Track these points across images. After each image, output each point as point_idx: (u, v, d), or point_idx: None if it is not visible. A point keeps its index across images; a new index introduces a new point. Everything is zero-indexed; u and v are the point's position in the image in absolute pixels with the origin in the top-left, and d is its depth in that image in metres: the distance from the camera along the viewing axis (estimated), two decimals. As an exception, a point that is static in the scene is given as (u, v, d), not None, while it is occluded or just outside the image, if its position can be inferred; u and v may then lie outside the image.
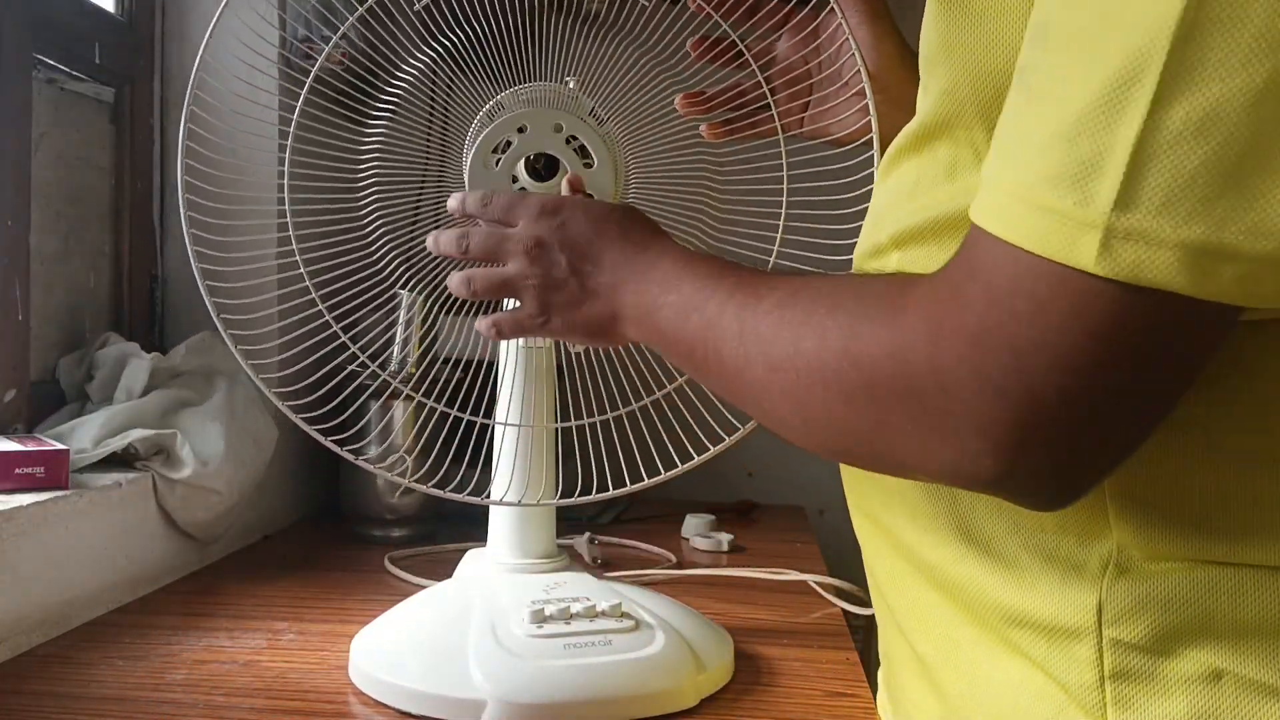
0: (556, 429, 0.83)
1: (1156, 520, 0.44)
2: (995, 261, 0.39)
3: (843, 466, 0.59)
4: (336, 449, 0.79)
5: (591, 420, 0.82)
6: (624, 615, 0.76)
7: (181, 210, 0.75)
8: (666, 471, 0.81)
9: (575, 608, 0.75)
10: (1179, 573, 0.43)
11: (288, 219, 0.78)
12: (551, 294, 0.66)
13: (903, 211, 0.52)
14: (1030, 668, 0.47)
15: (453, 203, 0.72)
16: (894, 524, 0.54)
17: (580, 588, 0.79)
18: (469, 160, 0.78)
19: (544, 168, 0.78)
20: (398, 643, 0.76)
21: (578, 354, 0.81)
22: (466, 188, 0.77)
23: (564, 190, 0.74)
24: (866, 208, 0.59)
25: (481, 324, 0.71)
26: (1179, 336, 0.38)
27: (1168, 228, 0.35)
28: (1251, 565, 0.43)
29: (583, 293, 0.65)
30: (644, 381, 0.83)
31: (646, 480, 0.81)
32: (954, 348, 0.40)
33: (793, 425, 0.50)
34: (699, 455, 0.81)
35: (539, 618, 0.74)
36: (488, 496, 0.82)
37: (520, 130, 0.78)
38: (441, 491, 0.82)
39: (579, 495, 0.82)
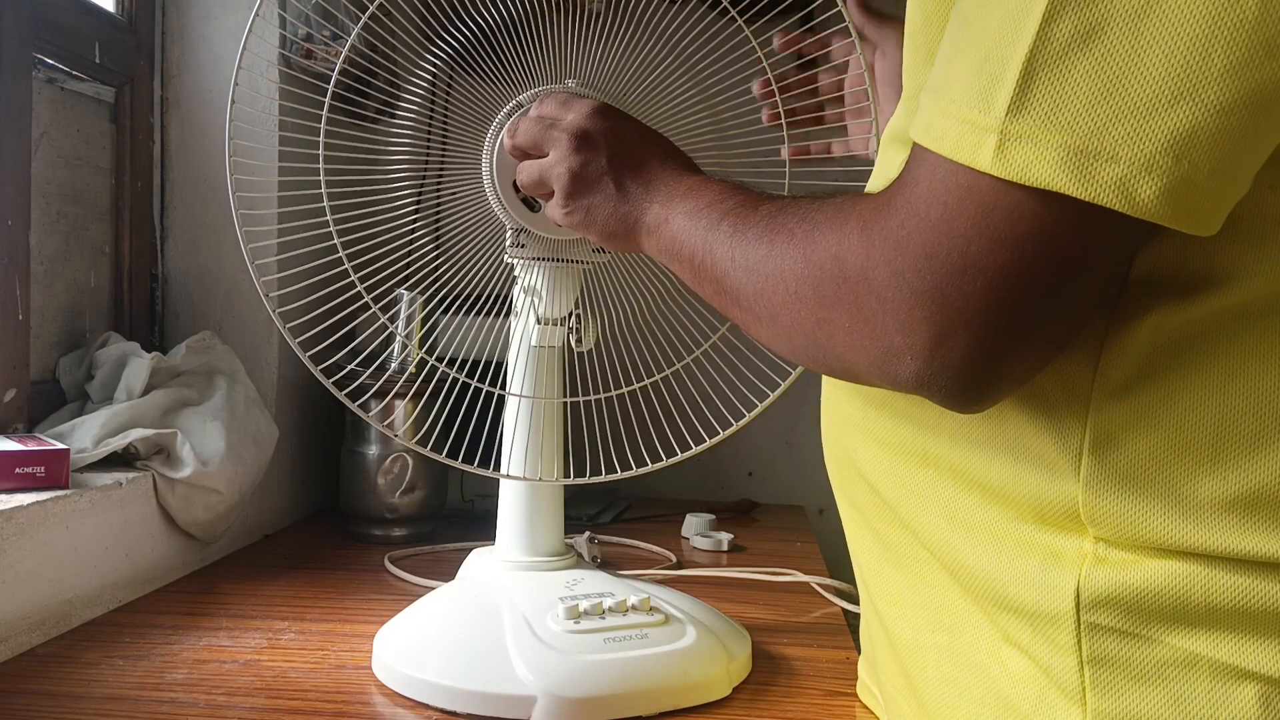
0: (565, 403, 0.83)
1: (1129, 512, 0.45)
2: (921, 173, 0.43)
3: (829, 458, 0.62)
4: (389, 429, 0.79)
5: (598, 396, 0.83)
6: (653, 609, 0.78)
7: (230, 192, 0.76)
8: (669, 458, 0.82)
9: (608, 603, 0.76)
10: (1152, 561, 0.45)
11: (327, 215, 0.78)
12: (583, 185, 0.67)
13: None
14: (1012, 651, 0.49)
15: (507, 139, 0.74)
16: (876, 507, 0.56)
17: (601, 584, 0.80)
18: (495, 153, 0.78)
19: None
20: (429, 641, 0.76)
21: (584, 352, 0.82)
22: (495, 177, 0.78)
23: None
24: None
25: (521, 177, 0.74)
26: (1075, 241, 0.41)
27: (1052, 131, 0.39)
28: (1223, 556, 0.44)
29: (616, 192, 0.66)
30: (655, 361, 0.83)
31: (650, 465, 0.82)
32: (881, 251, 0.44)
33: (763, 323, 0.53)
34: (709, 439, 0.81)
35: (574, 614, 0.75)
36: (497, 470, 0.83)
37: None
38: (454, 462, 0.82)
39: (588, 476, 0.82)
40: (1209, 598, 0.44)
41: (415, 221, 0.83)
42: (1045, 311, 0.42)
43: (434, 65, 0.80)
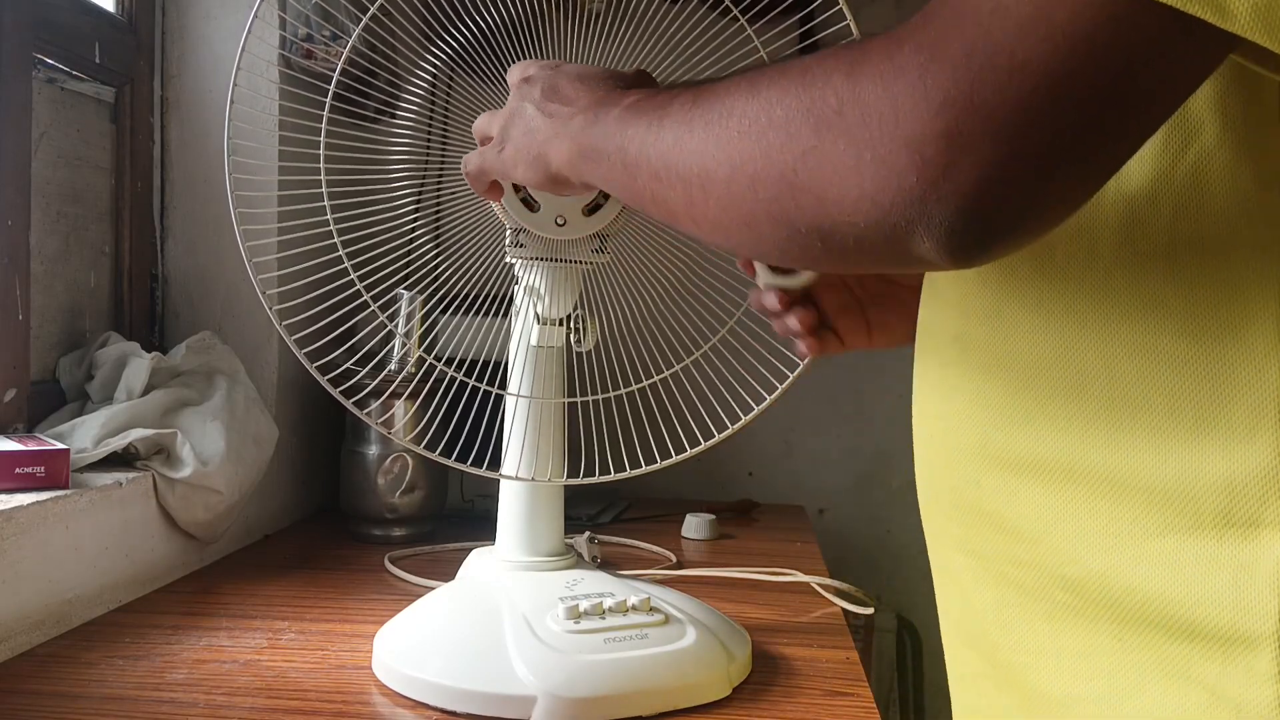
0: (565, 404, 0.83)
1: None
2: None
3: (925, 507, 0.54)
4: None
5: (598, 397, 0.83)
6: (653, 609, 0.78)
7: (229, 192, 0.75)
8: (669, 458, 0.82)
9: (608, 603, 0.77)
10: None
11: (328, 215, 0.78)
12: (514, 121, 0.63)
13: None
14: (1191, 688, 0.41)
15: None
16: (1003, 547, 0.49)
17: (601, 584, 0.81)
18: None
19: None
20: (429, 641, 0.76)
21: (585, 352, 0.82)
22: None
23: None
24: None
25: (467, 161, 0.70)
26: (1146, 55, 0.34)
27: None
28: None
29: (542, 115, 0.61)
30: (655, 362, 0.83)
31: (650, 465, 0.82)
32: (911, 57, 0.37)
33: (718, 183, 0.45)
34: (705, 441, 0.81)
35: (574, 614, 0.75)
36: (499, 470, 0.83)
37: None
38: (454, 462, 0.82)
39: (588, 476, 0.82)
40: None
41: (415, 221, 0.83)
42: (1090, 138, 0.35)
43: (434, 65, 0.80)
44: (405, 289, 1.02)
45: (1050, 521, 0.45)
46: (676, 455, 0.82)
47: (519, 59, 0.78)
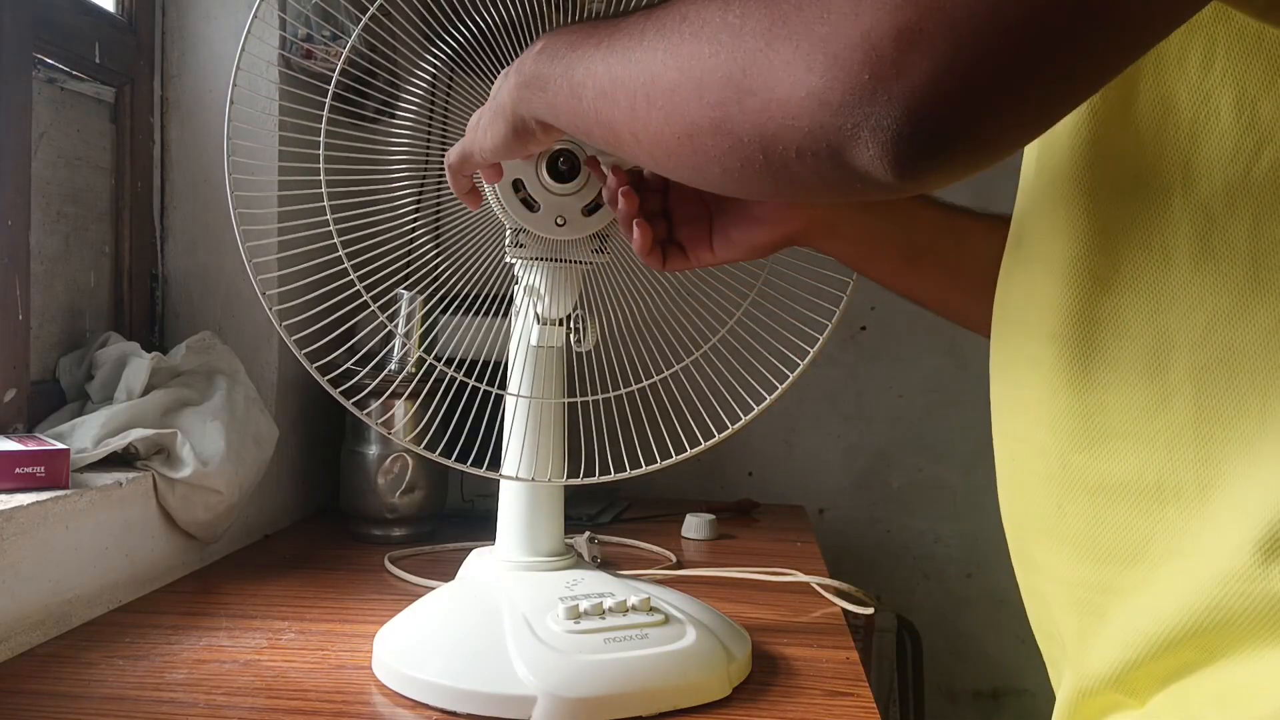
0: (564, 404, 0.83)
1: None
2: None
3: (1009, 529, 0.51)
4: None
5: (598, 397, 0.83)
6: (652, 609, 0.78)
7: (229, 192, 0.75)
8: (669, 458, 0.82)
9: (608, 603, 0.77)
10: None
11: (327, 214, 0.78)
12: (488, 108, 0.63)
13: None
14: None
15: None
16: (1098, 572, 0.45)
17: (600, 584, 0.80)
18: None
19: (567, 169, 0.78)
20: (429, 641, 0.76)
21: (585, 352, 0.82)
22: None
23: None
24: None
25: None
26: None
27: None
28: None
29: (501, 78, 0.60)
30: (656, 362, 0.84)
31: (650, 465, 0.82)
32: None
33: (665, 81, 0.43)
34: (705, 442, 0.81)
35: (574, 614, 0.75)
36: (499, 471, 0.83)
37: None
38: (454, 462, 0.82)
39: (588, 476, 0.83)
40: None
41: (415, 221, 0.83)
42: (1056, 51, 0.33)
43: (434, 65, 0.80)
44: (405, 289, 1.02)
45: (1139, 547, 0.43)
46: (676, 455, 0.82)
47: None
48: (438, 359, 0.84)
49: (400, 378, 1.14)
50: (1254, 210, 0.39)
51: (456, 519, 1.31)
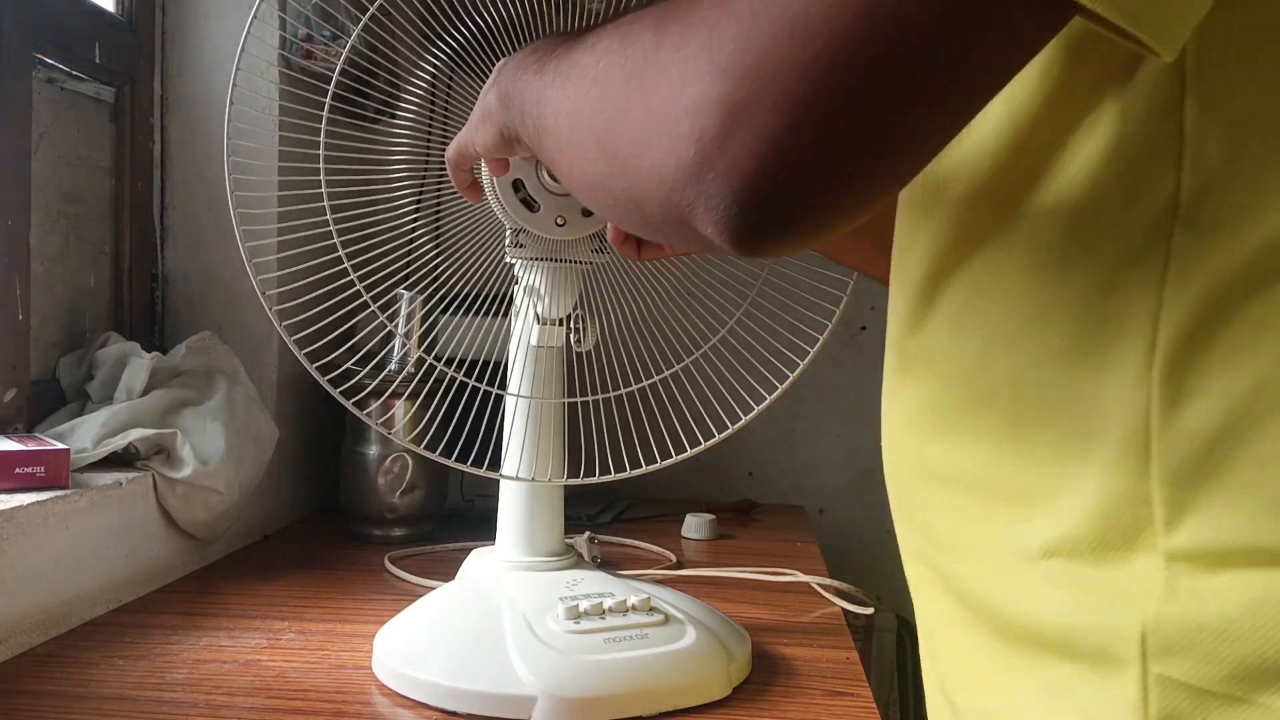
0: (564, 404, 0.83)
1: (1216, 511, 0.34)
2: None
3: (897, 510, 0.53)
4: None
5: (598, 397, 0.83)
6: (652, 609, 0.78)
7: (229, 192, 0.75)
8: (669, 458, 0.82)
9: (608, 603, 0.77)
10: (1247, 586, 0.34)
11: (327, 215, 0.78)
12: (479, 107, 0.62)
13: None
14: (1072, 713, 0.39)
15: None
16: (947, 559, 0.47)
17: (600, 584, 0.81)
18: None
19: None
20: (429, 641, 0.76)
21: (585, 352, 0.82)
22: (494, 177, 0.78)
23: None
24: None
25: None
26: (961, 26, 0.29)
27: None
28: None
29: (482, 96, 0.60)
30: (656, 362, 0.83)
31: (650, 465, 0.82)
32: (707, 11, 0.32)
33: (561, 134, 0.42)
34: (705, 441, 0.81)
35: (574, 614, 0.75)
36: (499, 470, 0.83)
37: None
38: (454, 462, 0.82)
39: (588, 476, 0.83)
40: None
41: (415, 221, 0.83)
42: (885, 115, 0.30)
43: (434, 65, 0.80)
44: (405, 289, 1.02)
45: (979, 531, 0.44)
46: (676, 455, 0.82)
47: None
48: (438, 359, 0.84)
49: (400, 378, 1.14)
50: (1066, 220, 0.38)
51: (456, 519, 1.31)
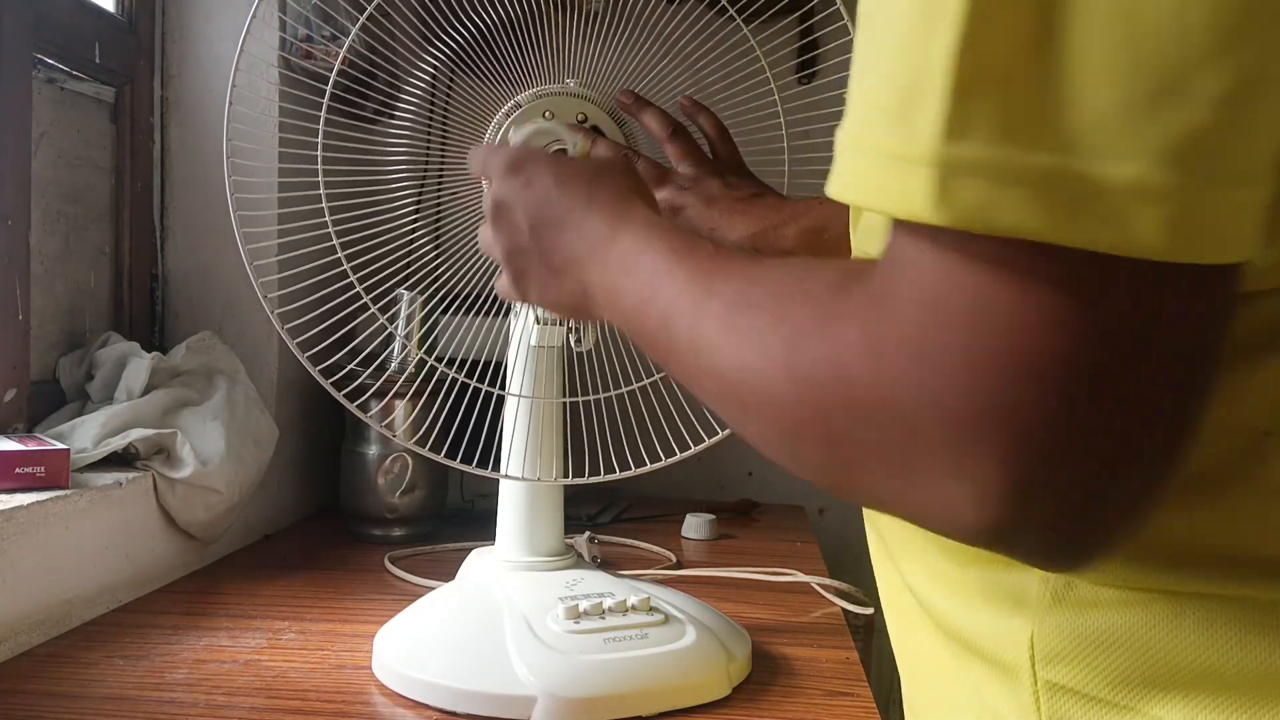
0: (565, 404, 0.83)
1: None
2: (908, 251, 0.30)
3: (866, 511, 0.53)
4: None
5: (598, 397, 0.83)
6: (652, 609, 0.78)
7: (229, 192, 0.76)
8: (669, 458, 0.82)
9: (607, 603, 0.77)
10: (1117, 603, 0.36)
11: (326, 216, 0.78)
12: (518, 261, 0.60)
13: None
14: (986, 712, 0.41)
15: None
16: (897, 558, 0.48)
17: (600, 584, 0.81)
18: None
19: None
20: (429, 642, 0.76)
21: (584, 352, 0.82)
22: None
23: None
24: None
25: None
26: (1103, 304, 0.28)
27: (1014, 154, 0.27)
28: (1195, 594, 0.35)
29: (548, 268, 0.57)
30: (652, 363, 0.84)
31: (650, 465, 0.82)
32: (895, 364, 0.31)
33: (764, 449, 0.40)
34: (707, 440, 0.81)
35: (574, 614, 0.75)
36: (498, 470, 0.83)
37: (545, 116, 0.78)
38: (454, 462, 0.83)
39: (588, 476, 0.83)
40: (1204, 655, 0.34)
41: (415, 221, 0.83)
42: (1138, 410, 0.29)
43: (434, 65, 0.80)
44: (405, 289, 1.02)
45: (899, 537, 0.45)
46: (677, 455, 0.82)
47: (519, 59, 0.78)
48: (438, 359, 0.84)
49: (402, 378, 1.13)
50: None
51: (456, 519, 1.31)
